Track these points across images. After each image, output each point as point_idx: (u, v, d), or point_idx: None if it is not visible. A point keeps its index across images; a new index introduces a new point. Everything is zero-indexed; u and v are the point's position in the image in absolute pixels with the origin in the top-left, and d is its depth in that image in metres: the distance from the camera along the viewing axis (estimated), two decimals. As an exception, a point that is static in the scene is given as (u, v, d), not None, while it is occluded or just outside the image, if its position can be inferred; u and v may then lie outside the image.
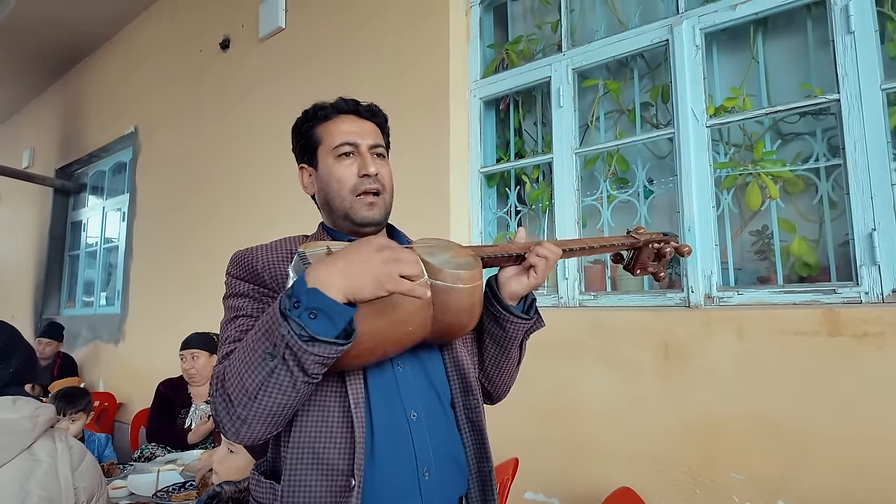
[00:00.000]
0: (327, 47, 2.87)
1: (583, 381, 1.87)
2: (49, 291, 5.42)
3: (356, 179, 0.96)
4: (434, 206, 2.29)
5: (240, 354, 0.76)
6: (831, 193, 1.68)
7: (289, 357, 0.71)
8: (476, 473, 0.95)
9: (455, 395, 0.96)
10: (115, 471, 2.10)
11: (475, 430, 0.96)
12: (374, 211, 0.97)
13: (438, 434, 0.91)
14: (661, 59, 2.08)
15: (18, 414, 1.16)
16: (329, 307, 0.70)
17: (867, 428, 1.39)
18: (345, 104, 1.01)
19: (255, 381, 0.73)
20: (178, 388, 2.69)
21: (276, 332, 0.71)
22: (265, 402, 0.74)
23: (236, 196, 3.33)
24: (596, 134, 2.23)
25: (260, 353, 0.73)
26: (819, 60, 1.76)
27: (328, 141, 0.99)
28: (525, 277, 0.97)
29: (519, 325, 0.99)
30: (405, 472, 0.86)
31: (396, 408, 0.88)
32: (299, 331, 0.70)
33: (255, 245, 0.97)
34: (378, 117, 1.04)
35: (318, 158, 1.00)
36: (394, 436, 0.87)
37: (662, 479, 1.67)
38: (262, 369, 0.73)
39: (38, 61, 5.31)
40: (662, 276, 1.21)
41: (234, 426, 0.77)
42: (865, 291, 1.49)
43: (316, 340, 0.70)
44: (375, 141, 1.00)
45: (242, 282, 0.92)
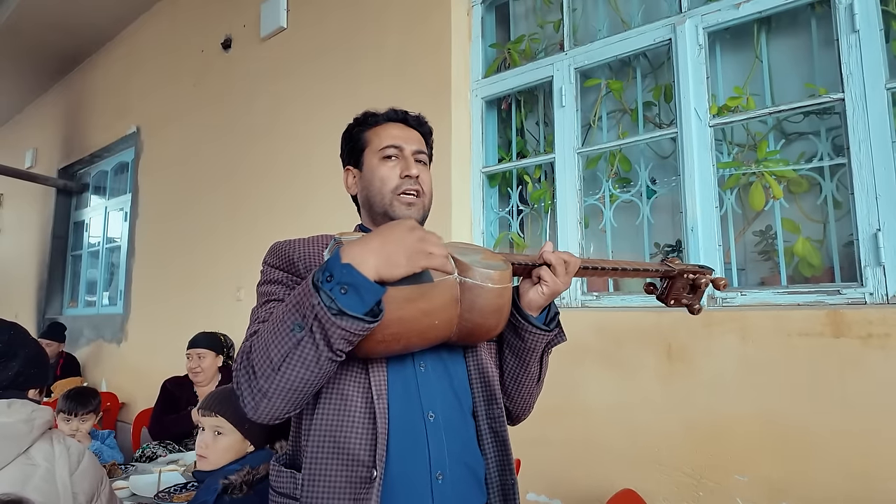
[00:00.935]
0: (329, 47, 2.86)
1: (585, 383, 1.86)
2: (52, 291, 5.43)
3: (398, 180, 0.99)
4: (436, 206, 2.24)
5: (269, 326, 0.78)
6: (835, 193, 1.66)
7: (316, 329, 0.72)
8: (498, 486, 0.93)
9: (478, 403, 0.95)
10: (117, 471, 2.10)
11: (498, 440, 0.94)
12: (413, 210, 1.00)
13: (456, 439, 0.90)
14: (663, 59, 2.07)
15: (14, 418, 1.15)
16: (360, 283, 0.72)
17: (872, 429, 1.38)
18: (395, 113, 1.07)
19: (280, 352, 0.75)
20: (183, 386, 2.69)
21: (307, 303, 0.72)
22: (288, 375, 0.75)
23: (238, 194, 3.33)
24: (598, 133, 2.21)
25: (289, 323, 0.74)
26: (823, 59, 1.74)
27: (375, 143, 1.03)
28: (539, 287, 0.95)
29: (538, 337, 0.97)
30: (418, 473, 0.85)
31: (414, 405, 0.88)
32: (329, 303, 0.71)
33: (293, 238, 0.99)
34: (424, 127, 1.09)
35: (364, 160, 1.04)
36: (409, 433, 0.86)
37: (665, 481, 1.66)
38: (289, 340, 0.74)
39: (40, 62, 5.31)
40: (697, 307, 1.17)
41: (254, 399, 0.78)
42: (870, 292, 1.48)
43: (345, 315, 0.71)
44: (420, 147, 1.04)
45: (277, 270, 0.95)
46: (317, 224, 1.09)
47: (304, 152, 2.90)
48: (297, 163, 2.93)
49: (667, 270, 1.11)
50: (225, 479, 1.26)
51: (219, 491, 1.24)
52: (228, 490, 1.24)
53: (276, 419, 0.80)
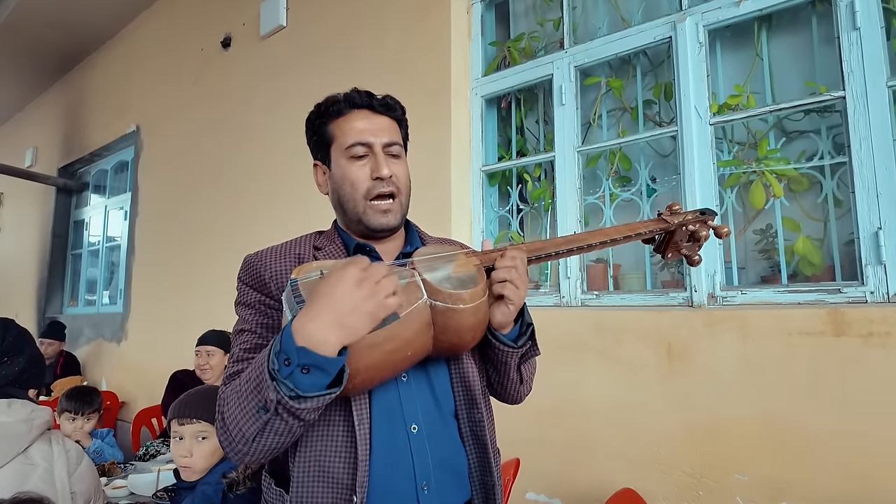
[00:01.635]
0: (328, 45, 2.86)
1: (585, 382, 1.86)
2: (52, 290, 5.43)
3: (369, 182, 0.93)
4: (435, 205, 2.28)
5: (235, 399, 0.77)
6: (836, 192, 1.66)
7: (282, 411, 0.71)
8: (479, 485, 0.93)
9: (459, 406, 0.94)
10: (116, 470, 2.10)
11: (478, 443, 0.93)
12: (389, 217, 0.94)
13: (440, 447, 0.90)
14: (664, 57, 2.06)
15: (13, 417, 1.15)
16: (321, 362, 0.70)
17: (873, 429, 1.37)
18: (358, 98, 0.96)
19: (251, 430, 0.75)
20: (192, 379, 2.70)
21: (266, 393, 0.71)
22: (264, 443, 0.76)
23: (238, 193, 3.32)
24: (598, 132, 2.21)
25: (253, 406, 0.74)
26: (824, 57, 1.73)
27: (341, 139, 0.95)
28: (503, 306, 0.89)
29: (509, 354, 0.94)
30: (404, 486, 0.85)
31: (397, 422, 0.87)
32: (288, 392, 0.70)
33: (266, 248, 0.96)
34: (394, 111, 1.00)
35: (332, 157, 0.97)
36: (393, 450, 0.86)
37: (665, 481, 1.65)
38: (257, 421, 0.74)
39: (40, 60, 5.31)
40: (697, 259, 1.10)
41: (237, 456, 0.80)
42: (871, 291, 1.47)
43: (307, 397, 0.70)
44: (390, 139, 0.96)
45: (250, 289, 0.92)
46: (315, 219, 1.08)
47: (303, 150, 2.87)
48: (296, 160, 2.92)
49: (664, 228, 1.05)
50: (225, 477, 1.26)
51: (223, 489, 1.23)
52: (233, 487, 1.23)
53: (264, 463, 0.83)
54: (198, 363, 2.65)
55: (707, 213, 1.09)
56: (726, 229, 1.07)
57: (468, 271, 0.85)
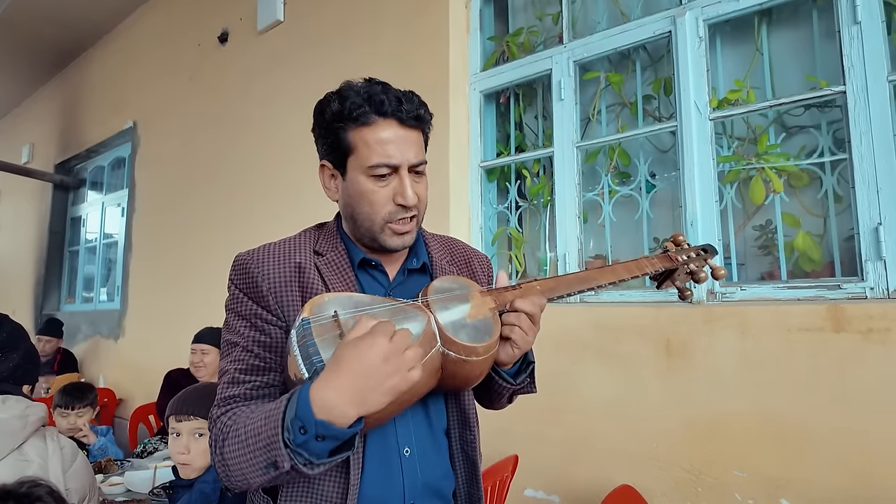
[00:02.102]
0: (326, 40, 2.84)
1: (583, 378, 1.85)
2: (49, 287, 5.42)
3: (391, 206, 0.86)
4: (434, 201, 2.23)
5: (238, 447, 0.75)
6: (836, 187, 1.65)
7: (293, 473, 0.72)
8: (465, 498, 0.96)
9: (451, 425, 0.96)
10: (113, 467, 2.09)
11: (469, 462, 0.96)
12: (406, 238, 0.89)
13: (429, 469, 0.90)
14: (663, 51, 2.05)
15: (7, 414, 1.14)
16: (339, 434, 0.69)
17: (872, 425, 1.37)
18: (387, 104, 0.84)
19: (255, 480, 0.74)
20: (186, 377, 2.70)
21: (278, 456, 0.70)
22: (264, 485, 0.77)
23: (235, 189, 3.31)
24: (597, 127, 2.20)
25: (261, 462, 0.72)
26: (825, 52, 1.72)
27: (364, 154, 0.84)
28: (508, 348, 0.86)
29: (503, 387, 0.95)
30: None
31: (391, 445, 0.87)
32: (303, 461, 0.69)
33: (260, 247, 0.90)
34: (423, 122, 0.89)
35: (348, 169, 0.87)
36: (386, 472, 0.86)
37: (664, 477, 1.65)
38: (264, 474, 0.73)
39: (36, 55, 5.28)
40: (689, 294, 1.15)
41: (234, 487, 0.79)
42: (871, 287, 1.47)
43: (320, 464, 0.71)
44: (418, 158, 0.87)
45: (245, 297, 0.86)
46: (312, 214, 1.06)
47: (300, 144, 2.88)
48: (293, 154, 2.91)
49: (668, 267, 1.08)
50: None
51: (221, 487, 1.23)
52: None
53: None
54: (192, 360, 2.64)
55: (709, 252, 1.14)
56: (723, 272, 1.13)
57: (484, 317, 0.83)
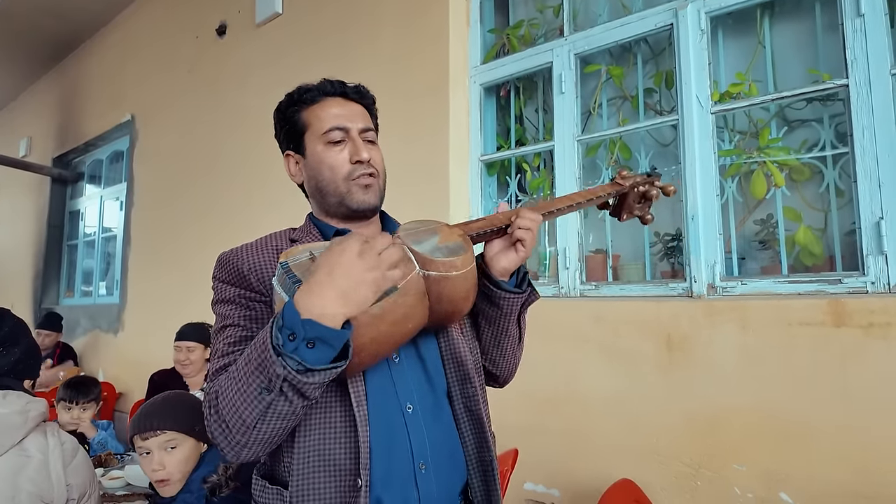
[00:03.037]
0: (325, 32, 2.82)
1: (584, 372, 1.85)
2: (48, 281, 5.41)
3: (349, 166, 0.93)
4: (433, 195, 2.26)
5: (232, 385, 0.74)
6: (838, 181, 1.65)
7: (287, 389, 0.70)
8: (477, 463, 0.93)
9: (452, 385, 0.94)
10: (113, 461, 2.10)
11: (474, 419, 0.93)
12: (370, 195, 0.95)
13: (435, 427, 0.89)
14: (665, 44, 2.04)
15: (8, 409, 1.14)
16: (327, 335, 0.68)
17: (872, 420, 1.37)
18: (331, 86, 0.97)
19: (253, 414, 0.72)
20: (172, 377, 2.68)
21: (271, 370, 0.68)
22: (265, 429, 0.74)
23: (234, 183, 3.30)
24: (598, 121, 2.19)
25: (255, 387, 0.71)
26: (827, 45, 1.71)
27: (316, 126, 0.95)
28: (513, 252, 0.94)
29: (514, 301, 0.96)
30: (401, 466, 0.84)
31: (392, 402, 0.86)
32: (296, 366, 0.68)
33: (239, 245, 0.94)
34: (366, 98, 1.01)
35: (306, 145, 0.96)
36: (390, 430, 0.85)
37: (664, 471, 1.65)
38: (260, 403, 0.71)
39: (33, 48, 5.24)
40: (649, 218, 1.21)
41: (233, 450, 0.77)
42: (872, 281, 1.46)
43: (314, 371, 0.68)
44: (366, 124, 0.97)
45: (229, 286, 0.90)
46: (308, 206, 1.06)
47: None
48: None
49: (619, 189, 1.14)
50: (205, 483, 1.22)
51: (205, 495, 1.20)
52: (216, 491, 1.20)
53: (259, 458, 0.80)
54: (177, 358, 2.61)
55: (653, 175, 1.21)
56: (672, 187, 1.19)
57: (455, 241, 0.87)
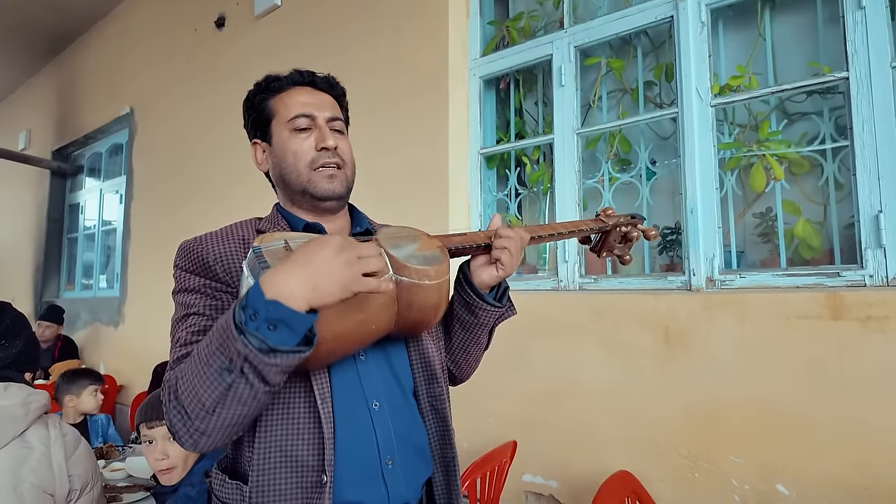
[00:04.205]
0: (324, 24, 2.81)
1: (582, 365, 1.86)
2: (48, 274, 5.41)
3: (314, 153, 0.91)
4: (432, 189, 2.26)
5: (193, 367, 0.72)
6: (837, 175, 1.64)
7: (248, 370, 0.67)
8: (440, 459, 0.94)
9: (419, 383, 0.94)
10: (114, 453, 2.11)
11: (439, 417, 0.95)
12: (335, 184, 0.92)
13: (402, 423, 0.89)
14: (665, 37, 2.03)
15: (10, 401, 1.15)
16: (290, 317, 0.66)
17: (869, 413, 1.38)
18: (300, 75, 0.97)
19: (212, 397, 0.70)
20: None
21: (232, 347, 0.67)
22: (225, 415, 0.71)
23: (233, 175, 3.29)
24: (598, 114, 2.18)
25: (215, 367, 0.69)
26: (828, 37, 1.70)
27: (283, 113, 0.94)
28: (493, 269, 0.96)
29: (490, 313, 0.98)
30: (368, 462, 0.84)
31: (358, 399, 0.86)
32: (258, 344, 0.66)
33: (202, 234, 0.91)
34: (336, 90, 1.00)
35: (272, 132, 0.95)
36: (356, 427, 0.84)
37: (661, 463, 1.66)
38: (219, 384, 0.69)
39: (31, 40, 5.22)
40: (628, 259, 1.22)
41: (191, 438, 0.74)
42: (870, 275, 1.47)
43: (277, 352, 0.66)
44: (333, 114, 0.95)
45: (192, 275, 0.87)
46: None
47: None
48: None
49: (601, 226, 1.14)
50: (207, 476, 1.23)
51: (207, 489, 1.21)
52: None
53: (218, 448, 0.78)
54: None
55: (636, 217, 1.21)
56: (654, 232, 1.19)
57: (432, 251, 0.86)
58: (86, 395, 2.44)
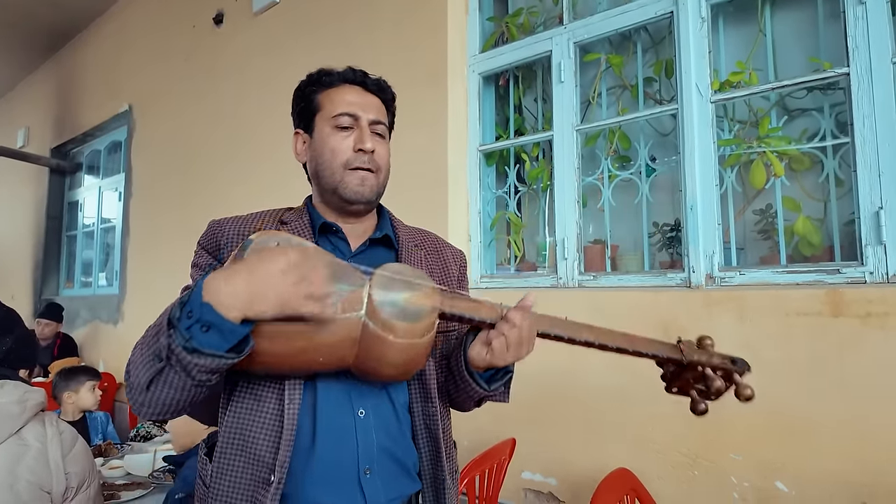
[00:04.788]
0: (323, 20, 2.80)
1: (581, 363, 1.86)
2: (48, 272, 5.41)
3: (351, 154, 0.91)
4: (431, 186, 2.25)
5: (140, 344, 0.75)
6: (838, 171, 1.64)
7: (175, 363, 0.68)
8: (431, 478, 0.91)
9: (414, 400, 0.91)
10: (113, 451, 2.11)
11: (431, 437, 0.91)
12: (365, 188, 0.91)
13: (386, 435, 0.87)
14: (665, 33, 2.02)
15: (5, 399, 1.14)
16: (220, 324, 0.66)
17: (869, 410, 1.37)
18: (352, 74, 0.96)
19: (146, 376, 0.72)
20: None
21: (163, 339, 0.68)
22: (157, 395, 0.72)
23: (232, 172, 3.29)
24: (597, 110, 2.17)
25: (151, 351, 0.71)
26: (829, 33, 1.70)
27: (328, 108, 0.93)
28: (483, 350, 0.85)
29: (473, 390, 0.90)
30: (345, 469, 0.83)
31: (344, 405, 0.85)
32: (183, 342, 0.66)
33: (232, 216, 0.95)
34: (385, 93, 0.99)
35: (315, 125, 0.95)
36: (337, 431, 0.83)
37: (660, 461, 1.66)
38: (152, 367, 0.71)
39: (29, 37, 5.20)
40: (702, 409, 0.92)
41: (135, 406, 0.76)
42: (870, 271, 1.46)
43: (200, 353, 0.66)
44: (377, 117, 0.95)
45: (205, 252, 0.91)
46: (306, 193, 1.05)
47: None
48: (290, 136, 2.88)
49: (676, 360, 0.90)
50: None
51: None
52: None
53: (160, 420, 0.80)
54: None
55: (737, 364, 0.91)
56: (748, 392, 0.89)
57: (420, 306, 0.76)
58: (84, 392, 2.44)
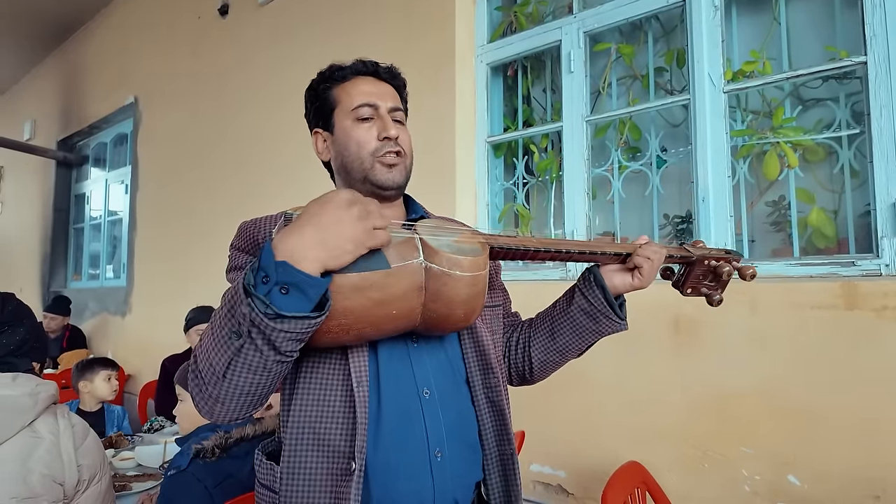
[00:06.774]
0: (330, 11, 2.77)
1: (591, 355, 1.83)
2: (55, 264, 5.43)
3: (376, 143, 0.91)
4: (439, 178, 2.24)
5: (209, 331, 0.71)
6: (853, 162, 1.61)
7: (256, 336, 0.65)
8: (496, 457, 0.89)
9: (472, 372, 0.90)
10: (123, 442, 2.12)
11: (495, 409, 0.90)
12: (395, 173, 0.91)
13: (453, 414, 0.86)
14: (676, 22, 1.99)
15: (18, 391, 1.15)
16: (302, 281, 0.64)
17: (884, 403, 1.36)
18: (363, 65, 0.97)
19: (222, 361, 0.68)
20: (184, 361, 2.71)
21: (239, 311, 0.65)
22: (235, 382, 0.69)
23: (238, 163, 3.28)
24: (607, 101, 2.15)
25: (226, 330, 0.67)
26: (845, 21, 1.66)
27: (346, 102, 0.93)
28: (629, 277, 0.97)
29: (613, 325, 0.99)
30: (416, 453, 0.81)
31: (408, 385, 0.83)
32: (264, 308, 0.64)
33: (262, 216, 0.92)
34: (397, 80, 1.00)
35: (335, 121, 0.95)
36: (404, 414, 0.82)
37: (671, 454, 1.65)
38: (229, 348, 0.67)
39: (34, 29, 5.20)
40: (718, 299, 1.05)
41: (206, 404, 0.73)
42: (886, 264, 1.44)
43: (283, 317, 0.64)
44: (395, 104, 0.96)
45: (243, 253, 0.88)
46: (315, 186, 1.03)
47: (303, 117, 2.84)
48: (296, 128, 2.86)
49: (686, 256, 1.01)
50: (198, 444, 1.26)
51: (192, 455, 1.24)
52: (200, 454, 1.25)
53: (234, 420, 0.76)
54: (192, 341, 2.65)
55: (732, 254, 1.06)
56: (752, 270, 1.01)
57: (472, 245, 0.81)
58: (99, 381, 2.46)
